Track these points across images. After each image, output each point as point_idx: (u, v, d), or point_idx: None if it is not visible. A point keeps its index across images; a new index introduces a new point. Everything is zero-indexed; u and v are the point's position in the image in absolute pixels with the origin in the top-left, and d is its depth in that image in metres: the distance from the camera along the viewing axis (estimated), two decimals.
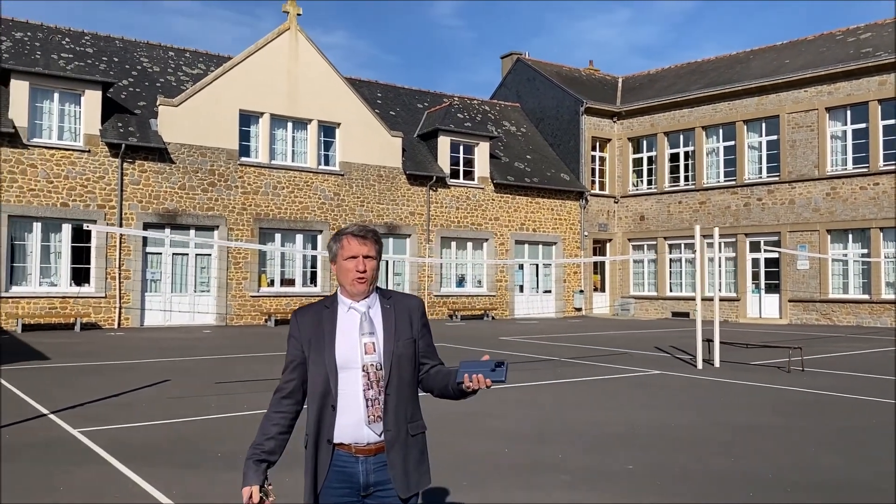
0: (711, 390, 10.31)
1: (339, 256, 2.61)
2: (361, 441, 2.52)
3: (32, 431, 7.12)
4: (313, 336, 2.59)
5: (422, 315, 2.72)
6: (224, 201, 22.58)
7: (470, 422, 7.88)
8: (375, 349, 2.55)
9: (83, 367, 12.26)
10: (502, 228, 28.57)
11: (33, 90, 20.02)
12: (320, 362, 2.55)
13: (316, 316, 2.62)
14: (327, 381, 2.53)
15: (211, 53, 26.69)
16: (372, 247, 2.61)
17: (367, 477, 2.53)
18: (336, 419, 2.52)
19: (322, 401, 2.54)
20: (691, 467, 6.01)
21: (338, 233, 2.65)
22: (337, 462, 2.53)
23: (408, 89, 31.07)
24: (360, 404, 2.51)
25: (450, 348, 16.16)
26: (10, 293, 19.40)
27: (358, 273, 2.57)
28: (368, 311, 2.60)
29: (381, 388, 2.53)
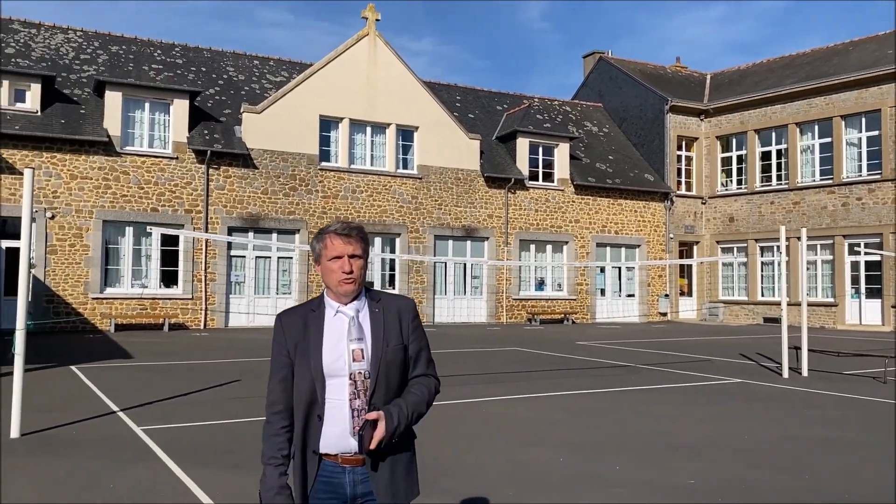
0: (794, 401, 9.65)
1: (322, 257, 2.46)
2: (348, 451, 2.40)
3: (98, 428, 7.35)
4: (299, 341, 2.45)
5: (413, 318, 2.56)
6: (305, 205, 23.05)
7: (528, 429, 7.63)
8: (364, 356, 2.41)
9: (162, 366, 12.69)
10: (583, 231, 27.98)
11: (126, 100, 21.01)
12: (306, 369, 2.42)
13: (302, 319, 2.48)
14: (313, 390, 2.40)
15: (293, 61, 27.34)
16: (358, 245, 2.46)
17: (354, 488, 2.42)
18: (322, 429, 2.40)
19: (308, 410, 2.42)
20: (759, 485, 5.58)
21: (320, 231, 2.51)
22: (323, 472, 2.42)
23: (487, 91, 30.93)
24: (345, 414, 2.38)
25: (524, 353, 15.88)
26: (105, 294, 20.40)
27: (344, 274, 2.43)
28: (357, 314, 2.46)
29: (368, 397, 2.40)
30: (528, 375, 12.09)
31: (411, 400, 2.45)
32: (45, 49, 22.72)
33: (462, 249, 25.67)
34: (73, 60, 22.74)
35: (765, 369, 13.15)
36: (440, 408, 8.87)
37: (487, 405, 9.08)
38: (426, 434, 7.27)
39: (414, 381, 2.53)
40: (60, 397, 9.15)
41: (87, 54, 23.28)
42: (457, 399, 9.45)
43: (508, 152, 27.27)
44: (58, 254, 19.91)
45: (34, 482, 5.43)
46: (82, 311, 20.03)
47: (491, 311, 25.91)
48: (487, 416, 8.40)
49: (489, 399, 9.51)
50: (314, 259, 2.52)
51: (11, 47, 22.07)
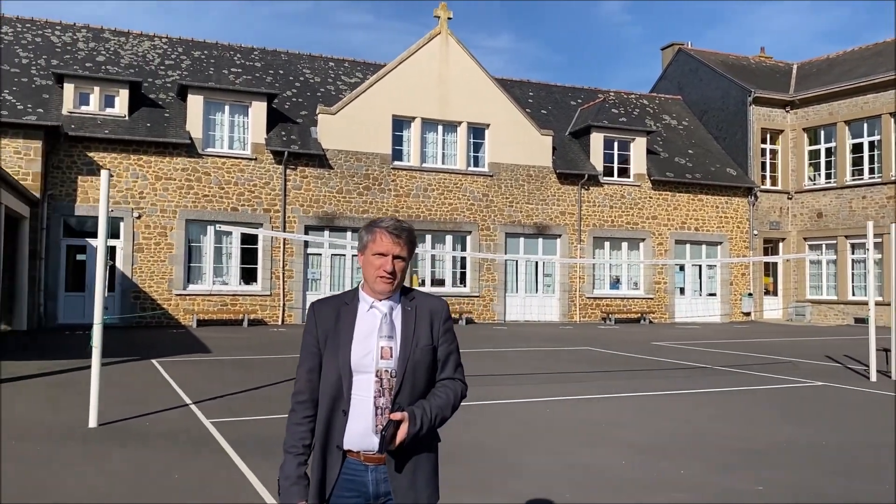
0: (880, 406, 9.10)
1: (368, 249, 2.44)
2: (370, 449, 2.37)
3: (169, 420, 7.62)
4: (330, 332, 2.43)
5: (445, 320, 2.51)
6: (378, 204, 23.32)
7: (593, 430, 7.47)
8: (392, 354, 2.38)
9: (237, 360, 13.07)
10: (661, 227, 27.26)
11: (207, 104, 21.76)
12: (334, 362, 2.40)
13: (335, 311, 2.46)
14: (339, 384, 2.38)
15: (368, 62, 27.71)
16: (405, 247, 2.44)
17: (377, 486, 2.39)
18: (346, 425, 2.38)
19: (333, 404, 2.40)
20: (832, 493, 5.27)
21: (371, 223, 2.47)
22: (347, 470, 2.39)
23: (560, 87, 30.53)
24: (369, 412, 2.36)
25: (596, 353, 15.60)
26: (188, 291, 21.19)
27: (385, 273, 2.40)
28: (391, 311, 2.44)
29: (393, 396, 2.36)
30: (597, 376, 11.85)
31: (436, 403, 2.42)
32: (132, 56, 23.78)
33: (534, 247, 25.42)
34: (159, 66, 23.71)
35: (851, 372, 12.47)
36: (505, 407, 8.79)
37: (554, 405, 8.93)
38: (490, 433, 7.23)
39: (440, 384, 2.49)
40: (138, 390, 9.54)
41: (172, 60, 24.23)
42: (523, 398, 9.34)
43: (582, 148, 26.84)
44: (144, 252, 20.81)
45: (105, 471, 5.66)
46: (166, 306, 20.88)
47: (564, 310, 25.57)
48: (553, 416, 8.27)
49: (556, 399, 9.36)
50: (359, 248, 2.49)
51: (102, 55, 23.19)
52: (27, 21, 23.71)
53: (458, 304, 23.95)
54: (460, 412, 8.36)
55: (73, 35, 23.80)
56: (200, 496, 5.05)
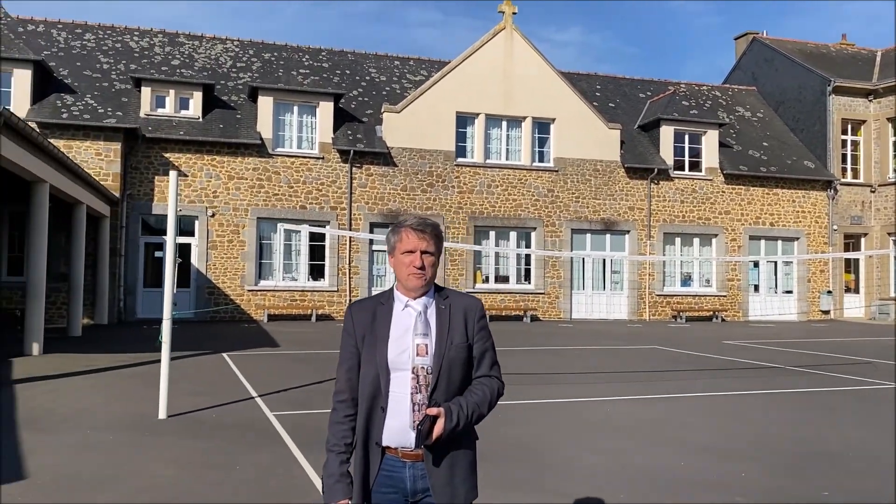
0: None
1: (396, 250, 2.51)
2: (408, 446, 2.41)
3: (235, 412, 7.86)
4: (367, 332, 2.49)
5: (480, 318, 2.55)
6: (441, 201, 23.43)
7: (654, 430, 7.32)
8: (428, 351, 2.43)
9: (304, 354, 13.37)
10: (734, 223, 26.46)
11: (277, 105, 22.30)
12: (372, 361, 2.46)
13: (371, 312, 2.52)
14: (377, 382, 2.44)
15: (432, 59, 27.83)
16: (431, 242, 2.49)
17: (414, 483, 2.43)
18: (385, 421, 2.43)
19: (372, 402, 2.45)
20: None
21: (396, 225, 2.55)
22: (385, 466, 2.44)
23: (629, 79, 29.97)
24: (407, 408, 2.41)
25: (665, 351, 15.29)
26: (259, 287, 21.79)
27: (415, 269, 2.46)
28: (425, 310, 2.49)
29: (429, 392, 2.41)
30: (664, 375, 11.61)
31: (472, 400, 2.45)
32: (206, 59, 24.57)
33: (601, 243, 25.05)
34: (231, 69, 24.42)
35: None
36: (565, 405, 8.72)
37: (615, 404, 8.80)
38: (547, 432, 7.18)
39: (477, 382, 2.52)
40: (208, 382, 9.87)
41: (243, 62, 24.92)
42: (584, 397, 9.25)
43: (651, 141, 26.28)
44: (217, 249, 21.50)
45: (172, 460, 5.89)
46: (239, 301, 21.53)
47: (632, 308, 25.13)
48: (613, 415, 8.15)
49: (619, 398, 9.22)
50: (388, 251, 2.56)
51: (177, 59, 24.04)
52: (108, 28, 24.78)
53: (523, 301, 23.84)
54: (518, 409, 8.35)
55: (150, 40, 24.76)
56: (260, 487, 5.20)
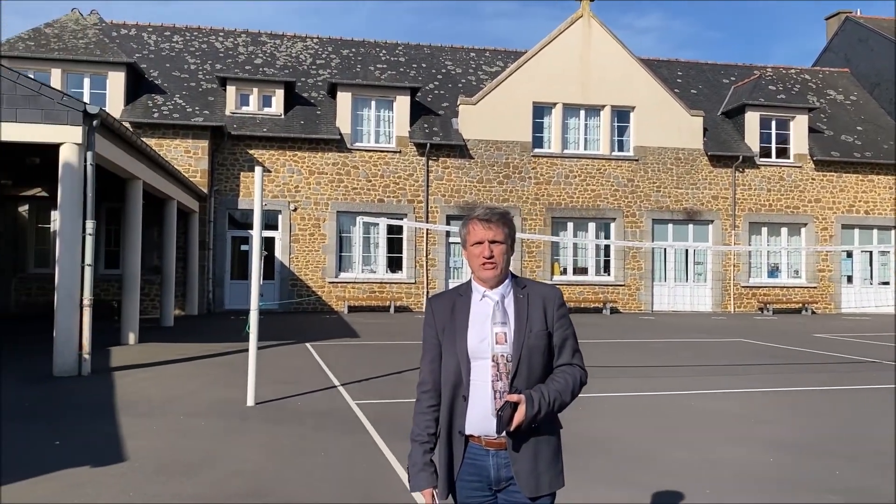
0: None
1: (467, 242, 2.55)
2: (491, 434, 2.43)
3: (319, 400, 8.07)
4: (447, 323, 2.54)
5: (559, 306, 2.55)
6: (518, 192, 23.33)
7: (739, 425, 7.12)
8: (507, 339, 2.44)
9: (383, 345, 13.60)
10: (825, 211, 25.32)
11: (355, 100, 22.67)
12: (452, 351, 2.50)
13: (450, 303, 2.57)
14: (459, 371, 2.47)
15: (508, 50, 27.69)
16: (498, 230, 2.50)
17: (497, 471, 2.45)
18: (467, 410, 2.46)
19: (454, 391, 2.49)
20: None
21: (466, 218, 2.58)
22: (469, 454, 2.48)
23: (711, 64, 29.03)
24: (488, 396, 2.42)
25: (750, 344, 14.81)
26: (339, 279, 22.26)
27: (485, 258, 2.48)
28: (502, 299, 2.50)
29: (510, 380, 2.42)
30: (749, 369, 11.25)
31: (554, 387, 2.45)
32: (287, 57, 25.20)
33: (683, 234, 24.41)
34: (311, 66, 24.97)
35: None
36: (646, 399, 8.58)
37: (698, 398, 8.60)
38: (628, 425, 7.09)
39: (558, 370, 2.53)
40: (293, 371, 10.17)
41: (322, 59, 25.43)
42: (666, 391, 9.07)
43: (736, 128, 25.41)
44: (300, 242, 22.08)
45: (261, 446, 6.11)
46: (320, 293, 22.06)
47: (716, 300, 24.41)
48: (696, 409, 7.96)
49: (701, 392, 9.00)
50: (461, 244, 2.61)
51: (260, 57, 24.74)
52: (194, 29, 25.74)
53: (602, 293, 23.52)
54: (599, 402, 8.26)
55: (234, 40, 25.57)
56: (346, 474, 5.33)
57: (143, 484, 5.03)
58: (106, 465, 5.43)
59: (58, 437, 6.28)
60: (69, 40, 21.12)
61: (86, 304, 9.79)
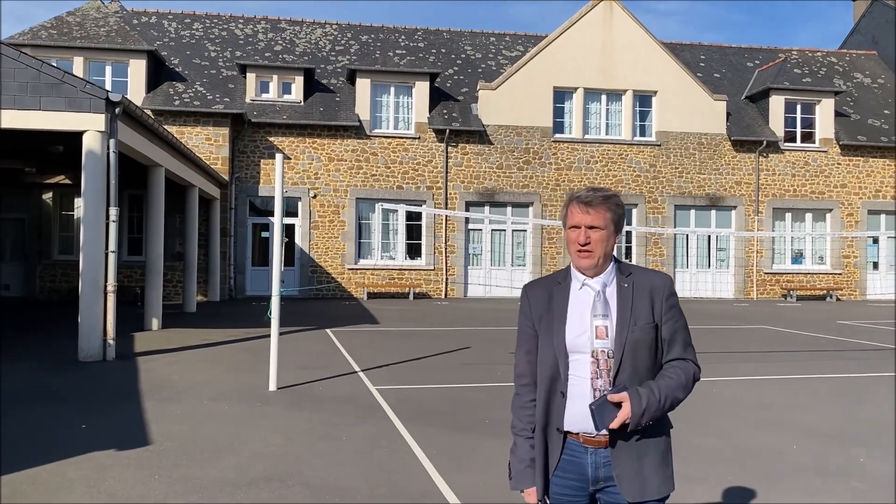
0: None
1: (566, 225, 2.36)
2: (590, 431, 2.29)
3: (340, 386, 8.11)
4: (544, 314, 2.38)
5: (669, 296, 2.35)
6: (538, 178, 23.20)
7: (764, 413, 7.05)
8: (608, 334, 2.27)
9: (403, 331, 13.63)
10: (851, 197, 24.93)
11: (374, 86, 22.62)
12: (549, 344, 2.35)
13: (547, 291, 2.41)
14: (556, 365, 2.32)
15: (529, 34, 27.46)
16: (599, 215, 2.29)
17: (596, 470, 2.31)
18: (565, 406, 2.32)
19: (551, 385, 2.34)
20: None
21: (569, 196, 2.38)
22: (567, 451, 2.34)
23: (735, 48, 28.59)
24: (587, 393, 2.27)
25: (774, 331, 14.67)
26: (359, 265, 22.32)
27: (580, 246, 2.29)
28: (604, 289, 2.33)
29: (611, 378, 2.26)
30: (774, 356, 11.14)
31: (665, 384, 2.27)
32: (306, 44, 25.18)
33: (706, 219, 24.17)
34: (330, 52, 24.94)
35: None
36: None
37: (724, 386, 8.52)
38: None
39: (669, 366, 2.34)
40: (314, 357, 10.23)
41: (342, 45, 25.39)
42: None
43: (760, 112, 25.04)
44: (319, 229, 22.15)
45: (282, 429, 6.15)
46: (340, 279, 22.14)
47: (739, 287, 24.18)
48: (722, 397, 7.90)
49: (726, 379, 8.92)
50: (562, 224, 2.42)
51: (279, 44, 24.76)
52: (214, 17, 25.79)
53: None
54: None
55: (253, 27, 25.58)
56: (366, 458, 5.35)
57: (168, 467, 5.08)
58: (131, 449, 5.49)
59: (84, 420, 6.37)
60: (91, 28, 21.26)
61: (110, 290, 9.90)
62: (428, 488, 4.71)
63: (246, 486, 4.72)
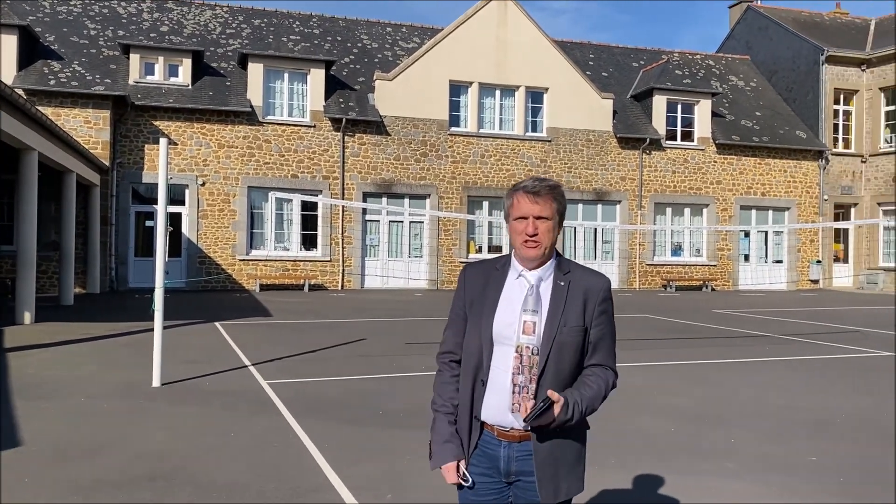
0: None
1: (510, 216, 2.31)
2: (505, 425, 2.27)
3: (229, 381, 7.89)
4: (476, 298, 2.33)
5: (602, 301, 2.31)
6: (435, 171, 23.34)
7: (643, 397, 7.41)
8: (535, 330, 2.22)
9: (297, 324, 13.41)
10: (725, 193, 26.51)
11: (267, 72, 22.05)
12: (476, 330, 2.30)
13: (484, 276, 2.35)
14: (481, 353, 2.29)
15: (426, 26, 27.52)
16: (547, 206, 2.25)
17: (508, 464, 2.29)
18: (484, 396, 2.29)
19: (474, 372, 2.31)
20: (889, 466, 5.12)
21: (513, 187, 2.32)
22: (482, 441, 2.32)
23: (622, 48, 29.74)
24: (506, 387, 2.24)
25: (655, 320, 15.41)
26: (251, 256, 21.75)
27: (527, 236, 2.25)
28: (539, 283, 2.28)
29: (534, 376, 2.22)
30: (653, 343, 11.72)
31: (587, 394, 2.26)
32: (195, 25, 24.21)
33: (592, 213, 25.08)
34: (220, 35, 24.09)
35: None
36: None
37: None
38: None
39: (591, 372, 2.31)
40: (201, 351, 9.90)
41: (233, 29, 24.57)
42: None
43: (644, 111, 26.19)
44: (209, 218, 21.40)
45: (165, 427, 5.93)
46: (230, 271, 21.50)
47: (623, 277, 25.26)
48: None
49: None
50: (504, 217, 2.36)
51: (165, 25, 23.68)
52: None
53: None
54: None
55: (137, 6, 24.34)
56: (256, 455, 5.24)
57: (40, 469, 4.79)
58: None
59: None
60: None
61: None
62: (320, 482, 4.66)
63: (127, 485, 4.52)
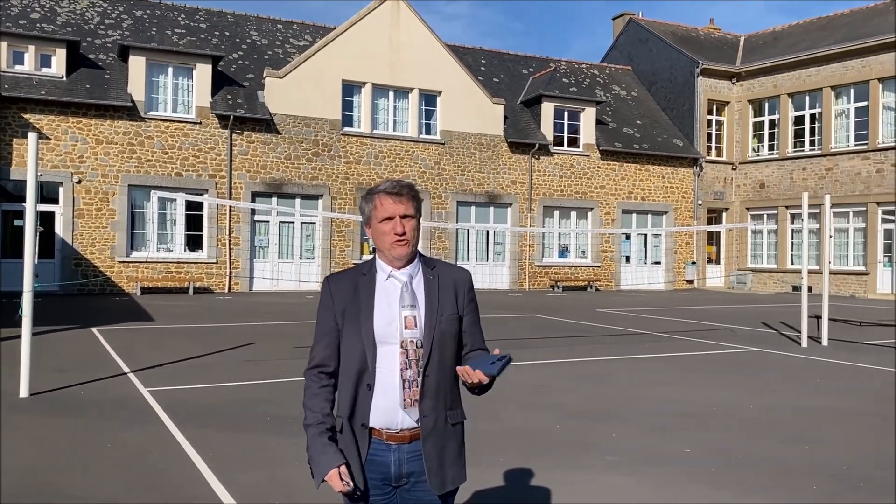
0: (809, 371, 9.48)
1: (373, 219, 2.32)
2: (394, 427, 2.28)
3: (106, 389, 7.49)
4: (348, 305, 2.31)
5: (469, 289, 2.43)
6: (327, 171, 23.06)
7: (530, 394, 7.61)
8: (416, 324, 2.28)
9: (181, 328, 12.89)
10: (608, 197, 27.63)
11: (149, 65, 21.09)
12: (356, 335, 2.29)
13: (351, 283, 2.35)
14: (364, 357, 2.27)
15: (318, 25, 27.15)
16: (409, 204, 2.31)
17: (399, 467, 2.29)
18: (372, 400, 2.28)
19: (358, 378, 2.28)
20: (756, 454, 5.50)
21: (369, 192, 2.35)
22: (371, 449, 2.29)
23: (513, 55, 30.44)
24: (396, 385, 2.26)
25: (543, 319, 15.84)
26: (131, 258, 20.73)
27: (396, 236, 2.28)
28: (410, 280, 2.33)
29: (420, 368, 2.27)
30: (542, 342, 12.05)
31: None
32: (70, 14, 22.85)
33: (485, 216, 25.54)
34: (98, 25, 22.84)
35: (784, 338, 12.94)
36: None
37: None
38: None
39: (476, 353, 2.42)
40: (76, 358, 9.35)
41: (112, 19, 23.36)
42: None
43: (533, 117, 26.91)
44: (85, 217, 20.24)
45: (35, 440, 5.56)
46: (109, 273, 20.41)
47: (513, 278, 25.84)
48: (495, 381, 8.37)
49: None
50: (364, 222, 2.37)
51: (37, 12, 22.22)
52: None
53: None
54: None
55: None
56: (134, 465, 5.00)
57: None
58: None
59: None
60: None
61: None
62: (203, 492, 4.51)
63: None
